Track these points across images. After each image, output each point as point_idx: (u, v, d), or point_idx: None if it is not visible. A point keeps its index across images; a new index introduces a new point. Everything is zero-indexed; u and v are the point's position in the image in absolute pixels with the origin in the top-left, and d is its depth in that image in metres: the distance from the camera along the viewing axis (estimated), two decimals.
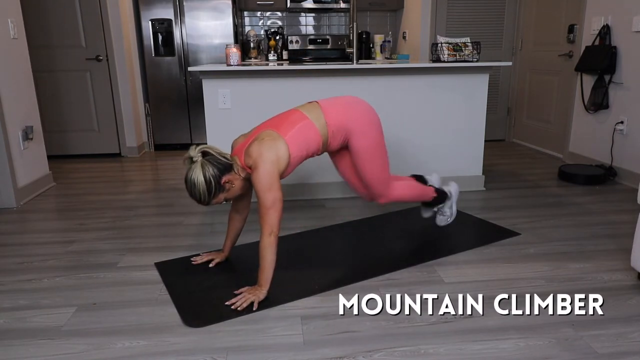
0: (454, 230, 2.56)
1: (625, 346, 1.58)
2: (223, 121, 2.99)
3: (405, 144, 3.13)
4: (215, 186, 1.82)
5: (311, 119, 1.97)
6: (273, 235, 1.82)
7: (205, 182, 1.80)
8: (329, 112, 2.00)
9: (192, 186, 1.81)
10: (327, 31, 5.43)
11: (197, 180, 1.80)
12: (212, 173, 1.81)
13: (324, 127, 1.99)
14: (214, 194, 1.84)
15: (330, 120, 1.99)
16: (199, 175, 1.79)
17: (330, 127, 1.99)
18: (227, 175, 1.86)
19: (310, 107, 2.03)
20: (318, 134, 1.97)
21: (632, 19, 3.26)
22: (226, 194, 1.89)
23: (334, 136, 2.02)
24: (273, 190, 1.81)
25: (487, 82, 3.11)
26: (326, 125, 1.99)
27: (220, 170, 1.83)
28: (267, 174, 1.81)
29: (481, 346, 1.59)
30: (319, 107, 2.01)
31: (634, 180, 3.29)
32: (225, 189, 1.87)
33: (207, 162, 1.82)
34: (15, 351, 1.60)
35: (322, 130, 1.98)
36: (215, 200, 1.87)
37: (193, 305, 1.86)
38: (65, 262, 2.28)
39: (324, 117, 1.99)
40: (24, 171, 3.26)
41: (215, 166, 1.82)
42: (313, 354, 1.56)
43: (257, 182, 1.81)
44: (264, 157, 1.82)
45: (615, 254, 2.27)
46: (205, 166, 1.80)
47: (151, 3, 4.52)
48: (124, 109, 4.51)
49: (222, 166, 1.85)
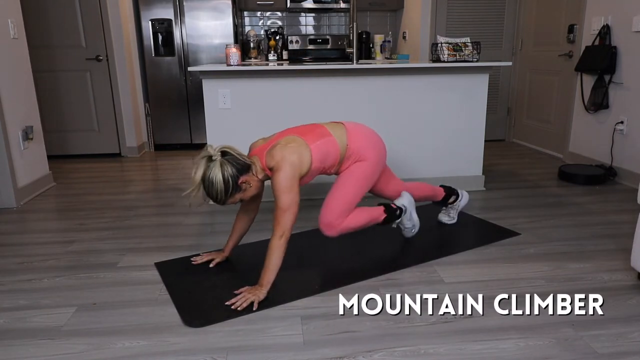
0: (454, 230, 2.56)
1: (625, 346, 1.58)
2: (223, 121, 2.99)
3: (405, 144, 3.13)
4: (233, 186, 1.83)
5: (335, 137, 2.04)
6: (284, 237, 1.84)
7: (223, 181, 1.80)
8: (352, 136, 2.08)
9: (210, 185, 1.81)
10: (327, 31, 5.43)
11: (215, 179, 1.79)
12: (231, 173, 1.81)
13: (344, 148, 2.06)
14: (231, 194, 1.85)
15: (351, 143, 2.07)
16: (217, 174, 1.79)
17: (350, 150, 2.07)
18: (245, 175, 1.87)
19: (335, 126, 2.10)
20: (338, 152, 2.05)
21: (632, 19, 3.26)
22: (242, 194, 1.90)
23: (349, 158, 2.09)
24: (292, 193, 1.84)
25: (487, 82, 3.11)
26: (347, 147, 2.06)
27: (238, 170, 1.84)
28: (289, 177, 1.84)
29: (481, 346, 1.59)
30: (344, 129, 2.09)
31: (634, 180, 3.29)
32: (242, 189, 1.88)
33: (226, 161, 1.82)
34: (15, 351, 1.60)
35: (341, 150, 2.06)
36: (231, 200, 1.88)
37: (193, 305, 1.86)
38: (65, 262, 2.28)
39: (347, 139, 2.06)
40: (24, 171, 3.26)
41: (234, 166, 1.83)
42: (313, 354, 1.56)
43: (277, 183, 1.83)
44: (288, 160, 1.86)
45: (615, 254, 2.27)
46: (225, 165, 1.81)
47: (151, 3, 4.52)
48: (124, 109, 4.51)
49: (241, 166, 1.85)
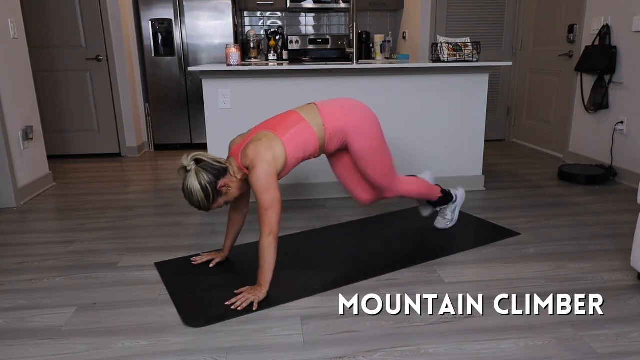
0: (453, 230, 2.55)
1: (625, 346, 1.58)
2: (223, 121, 2.99)
3: (405, 144, 3.13)
4: (213, 192, 1.84)
5: (309, 121, 1.97)
6: (272, 235, 1.82)
7: (202, 189, 1.81)
8: (326, 115, 2.00)
9: (189, 194, 1.83)
10: (327, 31, 5.43)
11: (193, 188, 1.81)
12: (208, 179, 1.82)
13: (321, 130, 1.99)
14: (213, 200, 1.86)
15: (327, 123, 1.99)
16: (194, 183, 1.81)
17: (328, 130, 2.00)
18: (223, 179, 1.87)
19: (308, 109, 2.02)
20: (315, 137, 1.98)
21: (632, 19, 3.26)
22: (225, 198, 1.91)
23: (331, 139, 2.02)
24: (271, 190, 1.81)
25: (487, 82, 3.11)
26: (324, 128, 1.99)
27: (215, 176, 1.84)
28: (265, 174, 1.81)
29: (481, 346, 1.59)
30: (317, 110, 2.01)
31: (634, 180, 3.29)
32: (222, 193, 1.88)
33: (200, 169, 1.83)
34: (15, 351, 1.60)
35: (319, 133, 1.98)
36: (215, 205, 1.89)
37: (193, 305, 1.86)
38: (65, 262, 2.28)
39: (322, 120, 1.99)
40: (24, 171, 3.27)
41: (209, 172, 1.83)
42: (313, 354, 1.56)
43: (255, 182, 1.82)
44: (261, 157, 1.83)
45: (615, 254, 2.27)
46: (200, 173, 1.81)
47: (151, 3, 4.52)
48: (124, 109, 4.51)
49: (217, 171, 1.85)
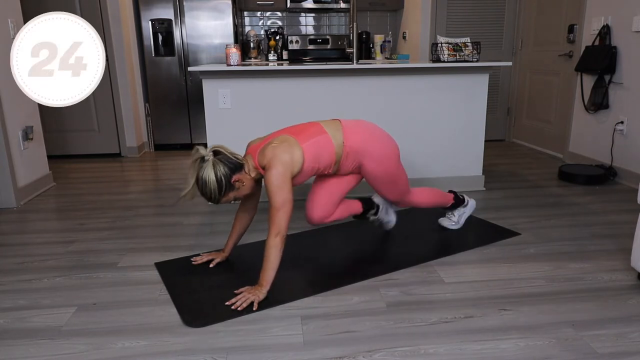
0: (454, 231, 2.55)
1: (625, 346, 1.58)
2: (223, 121, 2.99)
3: (406, 144, 3.13)
4: (226, 185, 1.85)
5: (330, 135, 2.00)
6: (280, 236, 1.84)
7: (216, 180, 1.82)
8: (348, 133, 2.03)
9: (203, 184, 1.83)
10: (327, 31, 5.43)
11: (208, 179, 1.82)
12: (223, 172, 1.83)
13: (340, 147, 2.01)
14: (225, 193, 1.87)
15: (347, 141, 2.02)
16: (210, 173, 1.82)
17: (346, 149, 2.02)
18: (238, 174, 1.89)
19: (331, 124, 2.06)
20: (333, 151, 2.01)
21: (632, 19, 3.26)
22: (236, 193, 1.92)
23: (347, 158, 2.04)
24: (284, 192, 1.83)
25: (487, 82, 3.11)
26: (343, 145, 2.02)
27: (231, 169, 1.86)
28: (280, 175, 1.84)
29: (481, 346, 1.59)
30: (341, 127, 2.05)
31: (634, 180, 3.29)
32: (235, 187, 1.89)
33: (218, 161, 1.84)
34: (15, 351, 1.60)
35: (337, 149, 2.01)
36: (225, 198, 1.90)
37: (193, 305, 1.86)
38: (65, 262, 2.28)
39: (343, 137, 2.02)
40: (24, 171, 3.26)
41: (226, 165, 1.85)
42: (313, 354, 1.56)
43: (269, 182, 1.84)
44: (279, 158, 1.85)
45: (615, 254, 2.27)
46: (217, 165, 1.83)
47: (151, 3, 4.52)
48: (124, 109, 4.51)
49: (233, 165, 1.87)
